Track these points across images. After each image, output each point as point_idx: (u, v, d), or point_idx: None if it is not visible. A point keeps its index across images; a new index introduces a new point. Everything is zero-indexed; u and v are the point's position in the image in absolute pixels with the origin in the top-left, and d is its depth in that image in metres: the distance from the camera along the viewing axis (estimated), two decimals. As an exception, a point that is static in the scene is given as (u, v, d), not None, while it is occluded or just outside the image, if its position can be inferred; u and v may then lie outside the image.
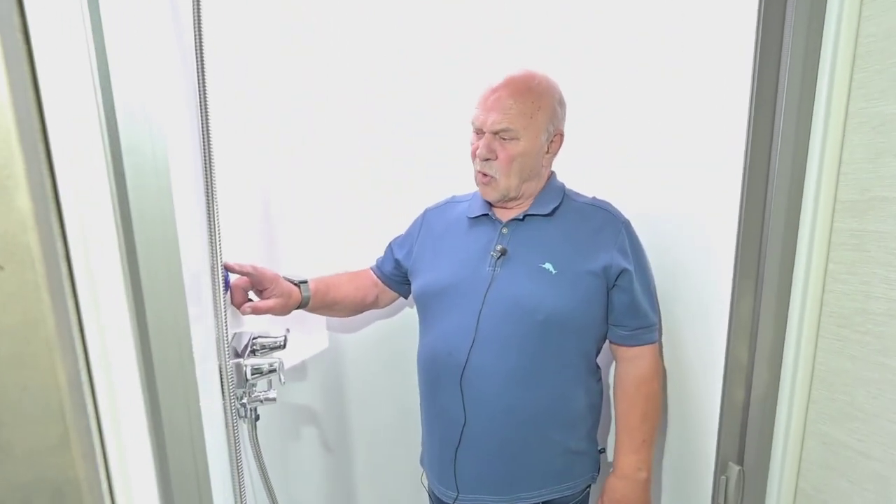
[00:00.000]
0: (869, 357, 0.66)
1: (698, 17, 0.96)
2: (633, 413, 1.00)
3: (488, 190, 0.99)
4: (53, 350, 0.39)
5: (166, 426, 0.50)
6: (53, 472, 0.40)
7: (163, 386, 0.49)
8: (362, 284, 1.18)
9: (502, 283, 0.96)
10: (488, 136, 0.95)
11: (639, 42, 1.12)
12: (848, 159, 0.66)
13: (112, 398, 0.44)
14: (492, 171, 0.96)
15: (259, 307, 0.98)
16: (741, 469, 0.77)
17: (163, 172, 0.50)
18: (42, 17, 0.38)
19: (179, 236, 0.62)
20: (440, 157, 1.33)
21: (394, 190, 1.33)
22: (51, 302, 0.38)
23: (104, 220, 0.43)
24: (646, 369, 1.00)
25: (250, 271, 0.97)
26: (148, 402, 0.48)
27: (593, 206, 1.02)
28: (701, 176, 0.97)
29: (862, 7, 0.63)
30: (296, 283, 1.06)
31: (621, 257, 0.96)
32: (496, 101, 0.94)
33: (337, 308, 1.15)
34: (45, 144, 0.38)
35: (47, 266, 0.38)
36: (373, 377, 1.37)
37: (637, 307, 0.98)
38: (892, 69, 0.61)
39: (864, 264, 0.65)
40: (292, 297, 1.03)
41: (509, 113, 0.93)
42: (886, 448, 0.65)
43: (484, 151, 0.95)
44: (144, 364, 0.47)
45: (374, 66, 1.27)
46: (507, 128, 0.93)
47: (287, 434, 1.26)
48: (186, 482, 0.53)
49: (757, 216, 0.72)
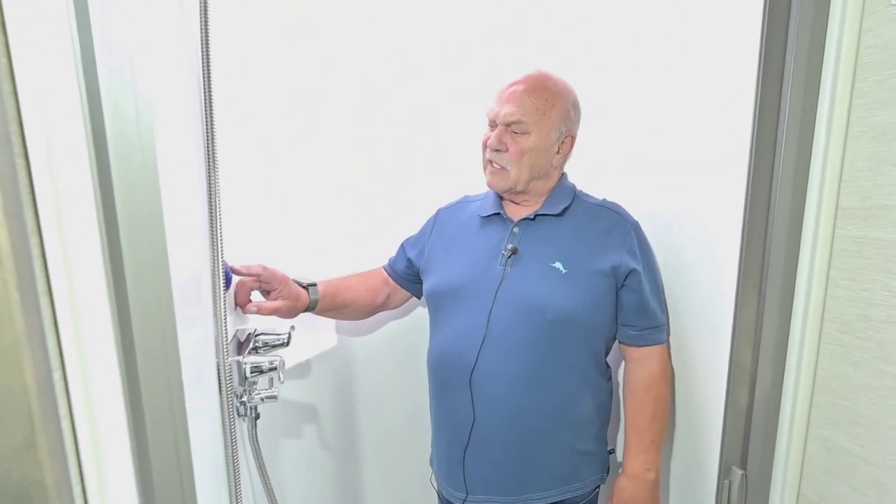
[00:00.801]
0: (870, 363, 0.67)
1: (700, 17, 0.97)
2: (641, 414, 1.01)
3: (497, 179, 1.00)
4: (21, 349, 0.37)
5: (149, 427, 0.48)
6: (17, 474, 0.38)
7: (146, 386, 0.47)
8: (373, 285, 1.19)
9: (513, 282, 0.97)
10: (501, 127, 0.97)
11: (639, 43, 1.13)
12: (849, 167, 0.67)
13: (88, 399, 0.43)
14: (502, 162, 0.98)
15: (264, 308, 0.99)
16: (744, 473, 0.78)
17: (150, 166, 0.49)
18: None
19: (175, 232, 0.61)
20: (441, 156, 1.35)
21: (396, 187, 1.35)
22: (20, 299, 0.37)
23: (84, 215, 0.41)
24: (654, 370, 1.01)
25: (259, 272, 0.98)
26: (128, 403, 0.46)
27: (603, 208, 1.04)
28: (703, 178, 0.98)
29: (863, 19, 0.64)
30: (304, 286, 1.06)
31: (630, 258, 0.97)
32: (511, 94, 0.96)
33: (347, 311, 1.16)
34: (21, 136, 0.37)
35: (17, 262, 0.36)
36: (384, 377, 1.39)
37: (646, 307, 0.99)
38: (891, 80, 0.62)
39: (865, 271, 0.66)
40: (300, 301, 1.04)
41: (523, 106, 0.95)
42: (886, 454, 0.66)
43: (495, 142, 0.97)
44: (126, 363, 0.46)
45: (374, 66, 1.29)
46: (520, 120, 0.95)
47: (294, 433, 1.27)
48: (169, 484, 0.52)
49: (760, 222, 0.73)
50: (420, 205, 1.24)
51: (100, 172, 0.43)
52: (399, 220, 1.25)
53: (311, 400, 1.29)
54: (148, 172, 0.48)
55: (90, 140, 0.42)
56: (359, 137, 1.29)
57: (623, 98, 1.19)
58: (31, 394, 0.38)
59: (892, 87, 0.62)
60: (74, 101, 0.40)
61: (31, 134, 0.38)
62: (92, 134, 0.42)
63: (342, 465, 1.37)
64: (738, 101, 0.87)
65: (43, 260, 0.40)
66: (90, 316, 0.42)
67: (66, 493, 0.42)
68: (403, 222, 1.24)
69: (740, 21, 0.87)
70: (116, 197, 0.44)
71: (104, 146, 0.43)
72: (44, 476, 0.39)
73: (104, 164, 0.43)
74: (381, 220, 1.32)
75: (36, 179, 0.38)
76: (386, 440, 1.42)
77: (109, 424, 0.45)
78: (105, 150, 0.43)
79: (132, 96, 0.46)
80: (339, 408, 1.34)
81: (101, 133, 0.42)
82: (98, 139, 0.42)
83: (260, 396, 0.97)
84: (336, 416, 1.34)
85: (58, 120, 0.39)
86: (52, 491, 0.40)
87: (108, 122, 0.43)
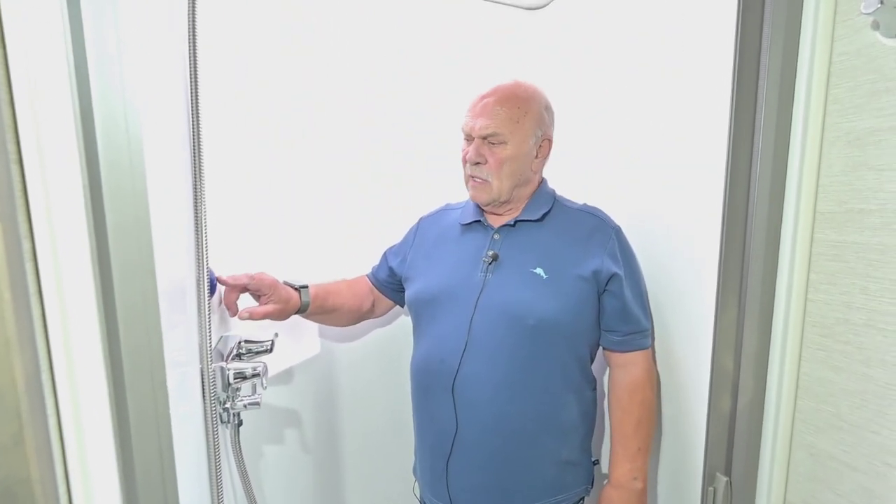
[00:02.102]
0: (851, 367, 0.67)
1: (677, 27, 0.98)
2: (627, 420, 0.99)
3: (479, 192, 1.00)
4: (11, 348, 0.38)
5: (133, 428, 0.49)
6: (4, 471, 0.39)
7: (131, 386, 0.48)
8: (359, 291, 1.20)
9: (494, 288, 0.97)
10: (477, 141, 0.97)
11: (622, 50, 1.15)
12: (826, 172, 0.68)
13: (74, 398, 0.43)
14: (483, 175, 0.98)
15: (256, 312, 1.00)
16: (729, 480, 0.77)
17: (139, 174, 0.50)
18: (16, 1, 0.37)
19: (162, 238, 0.62)
20: (441, 156, 1.35)
21: (395, 187, 1.35)
22: (11, 300, 0.38)
23: (74, 220, 0.43)
24: (639, 375, 1.00)
25: (245, 282, 0.99)
26: (114, 403, 0.47)
27: (584, 212, 1.03)
28: (683, 184, 0.99)
29: (835, 28, 0.65)
30: (296, 288, 1.07)
31: (611, 262, 0.97)
32: (483, 107, 0.97)
33: (335, 315, 1.16)
34: (17, 143, 0.38)
35: (9, 264, 0.37)
36: (367, 384, 1.38)
37: (628, 312, 0.98)
38: (864, 86, 0.63)
39: (844, 275, 0.67)
40: (291, 303, 1.05)
41: (496, 118, 0.95)
42: (870, 460, 0.65)
43: (473, 155, 0.97)
44: (112, 365, 0.47)
45: (374, 66, 1.29)
46: (495, 132, 0.96)
47: (278, 440, 1.27)
48: (152, 484, 0.52)
49: (739, 228, 0.73)
50: (417, 205, 1.23)
51: (90, 178, 0.44)
52: (398, 220, 1.24)
53: (295, 406, 1.28)
54: (136, 179, 0.49)
55: (81, 148, 0.43)
56: (358, 138, 1.30)
57: (605, 104, 1.20)
58: (19, 392, 0.38)
59: (866, 92, 0.63)
60: (67, 111, 0.42)
61: (27, 142, 0.39)
62: (83, 142, 0.44)
63: (324, 473, 1.36)
64: (715, 108, 0.89)
65: (34, 263, 0.40)
66: (78, 317, 0.43)
67: (52, 490, 0.42)
68: (402, 222, 1.23)
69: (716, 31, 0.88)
70: (105, 202, 0.45)
71: (94, 154, 0.44)
72: (30, 473, 0.40)
73: (94, 170, 0.44)
74: (380, 220, 1.32)
75: (29, 185, 0.40)
76: (368, 447, 1.41)
77: (95, 424, 0.45)
78: (95, 158, 0.44)
79: (122, 105, 0.48)
80: (321, 415, 1.33)
81: (92, 141, 0.44)
82: (89, 147, 0.44)
83: (243, 403, 0.98)
84: (319, 423, 1.33)
85: (51, 129, 0.41)
86: (37, 488, 0.40)
87: (99, 131, 0.45)
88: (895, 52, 0.60)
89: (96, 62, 0.44)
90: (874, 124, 0.62)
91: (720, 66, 0.85)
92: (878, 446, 0.64)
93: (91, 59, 0.44)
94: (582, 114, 1.27)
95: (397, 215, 1.25)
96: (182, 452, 0.67)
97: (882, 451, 0.64)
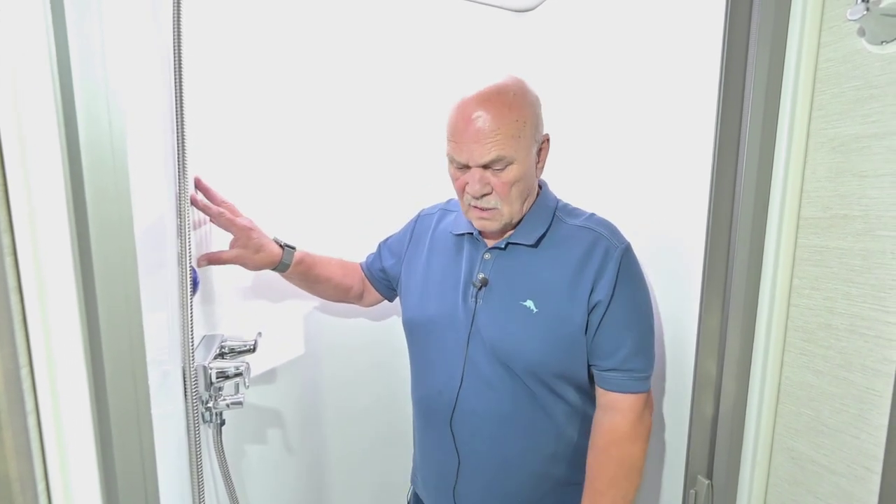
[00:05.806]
0: (832, 372, 0.67)
1: (664, 34, 0.99)
2: (599, 475, 0.87)
3: (490, 223, 0.88)
4: None
5: (114, 426, 0.48)
6: None
7: (112, 385, 0.48)
8: (351, 273, 1.16)
9: (483, 320, 0.90)
10: (477, 170, 0.84)
11: (626, 49, 1.15)
12: (810, 177, 0.68)
13: (54, 396, 0.43)
14: (490, 204, 0.86)
15: (214, 257, 0.93)
16: (710, 483, 0.77)
17: (122, 171, 0.49)
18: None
19: (144, 236, 0.62)
20: (441, 156, 1.35)
21: (394, 188, 1.35)
22: None
23: (57, 217, 0.42)
24: (620, 425, 0.86)
25: (222, 201, 0.94)
26: (94, 401, 0.46)
27: (585, 229, 0.90)
28: (668, 188, 0.99)
29: (821, 34, 0.66)
30: (281, 245, 1.02)
31: (601, 289, 0.85)
32: (478, 132, 0.81)
33: (320, 287, 1.12)
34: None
35: None
36: (351, 384, 1.37)
37: (604, 344, 0.87)
38: (849, 92, 0.63)
39: (827, 280, 0.67)
40: (261, 254, 0.98)
41: (496, 141, 0.81)
42: (850, 463, 0.66)
43: (478, 187, 0.84)
44: (93, 363, 0.46)
45: (373, 66, 1.29)
46: (499, 156, 0.82)
47: (260, 439, 1.26)
48: (132, 483, 0.51)
49: (724, 233, 0.74)
50: (419, 205, 1.21)
51: (72, 177, 0.44)
52: (398, 220, 1.23)
53: (279, 407, 1.28)
54: (119, 178, 0.49)
55: (64, 146, 0.43)
56: (358, 138, 1.30)
57: (592, 107, 1.20)
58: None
59: (850, 99, 0.63)
60: (50, 110, 0.42)
61: (7, 138, 0.39)
62: (66, 140, 0.43)
63: (308, 473, 1.35)
64: (701, 113, 0.89)
65: (14, 258, 0.40)
66: (59, 314, 0.43)
67: (31, 488, 0.42)
68: (400, 220, 1.21)
69: (704, 36, 0.88)
70: (87, 200, 0.45)
71: (77, 152, 0.44)
72: (8, 471, 0.39)
73: (77, 168, 0.44)
74: (379, 220, 1.31)
75: (10, 181, 0.39)
76: (352, 448, 1.40)
77: (75, 422, 0.45)
78: (78, 157, 0.44)
79: (105, 103, 0.47)
80: (306, 415, 1.32)
81: (75, 140, 0.44)
82: (71, 145, 0.44)
83: (226, 402, 0.97)
84: (303, 424, 1.32)
85: (33, 127, 0.41)
86: (15, 486, 0.40)
87: (82, 129, 0.44)
88: (880, 59, 0.60)
89: (80, 60, 0.44)
90: (858, 131, 0.62)
91: (707, 71, 0.85)
92: (858, 450, 0.65)
93: (74, 56, 0.44)
94: (568, 117, 1.27)
95: (396, 215, 1.24)
96: (163, 451, 0.67)
97: (861, 454, 0.64)
